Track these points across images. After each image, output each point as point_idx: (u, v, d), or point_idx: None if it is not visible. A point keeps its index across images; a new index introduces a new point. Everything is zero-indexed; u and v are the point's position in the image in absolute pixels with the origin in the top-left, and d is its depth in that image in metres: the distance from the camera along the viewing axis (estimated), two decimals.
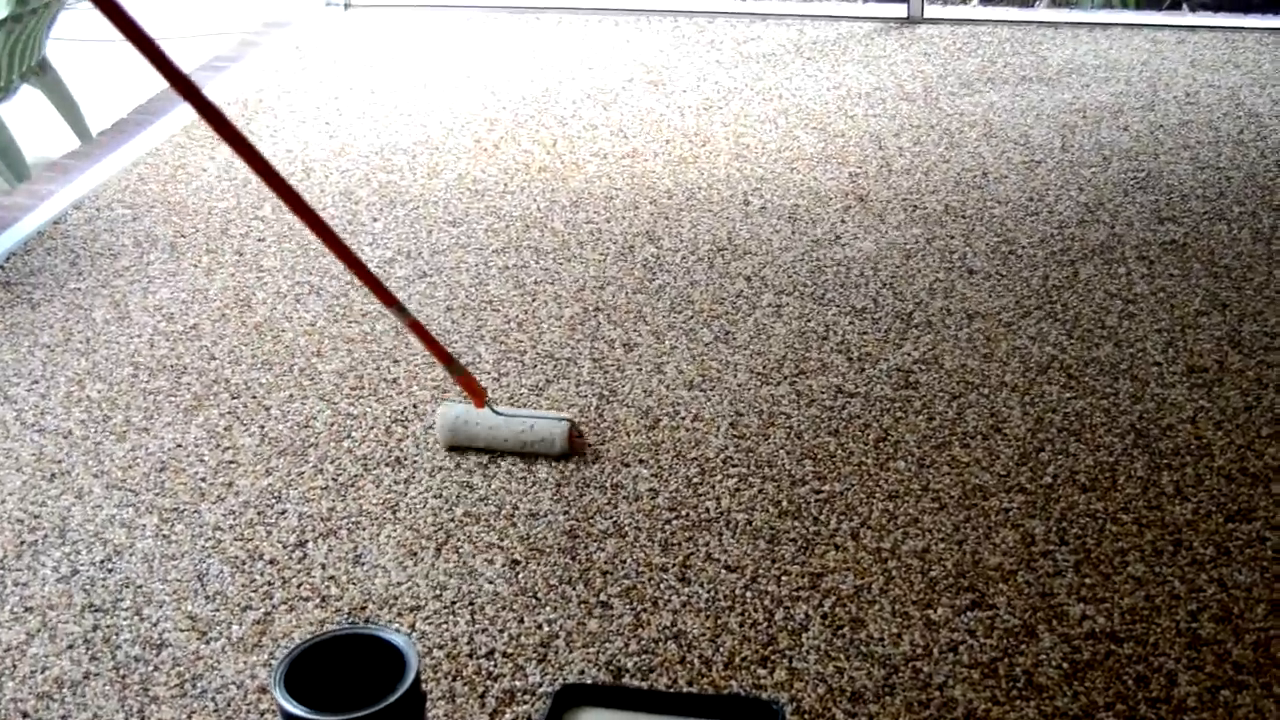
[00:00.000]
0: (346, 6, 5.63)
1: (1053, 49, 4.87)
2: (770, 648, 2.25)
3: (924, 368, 3.00)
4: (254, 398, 3.00)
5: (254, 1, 6.39)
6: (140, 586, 2.47)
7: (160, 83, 4.84)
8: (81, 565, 2.52)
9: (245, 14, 5.96)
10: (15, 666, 2.29)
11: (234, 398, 3.00)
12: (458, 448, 2.79)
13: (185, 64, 5.07)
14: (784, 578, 2.40)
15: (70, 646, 2.33)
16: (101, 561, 2.53)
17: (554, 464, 2.72)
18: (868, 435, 2.78)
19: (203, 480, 2.74)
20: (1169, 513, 2.53)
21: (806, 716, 2.11)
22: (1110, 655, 2.21)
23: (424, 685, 2.11)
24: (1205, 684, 2.15)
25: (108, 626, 2.38)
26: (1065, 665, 2.19)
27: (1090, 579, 2.37)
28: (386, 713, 1.85)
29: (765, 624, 2.30)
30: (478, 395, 2.72)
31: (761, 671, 2.20)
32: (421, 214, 3.80)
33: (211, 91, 4.76)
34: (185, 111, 4.60)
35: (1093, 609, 2.31)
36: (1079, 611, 2.30)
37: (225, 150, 4.27)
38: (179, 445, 2.86)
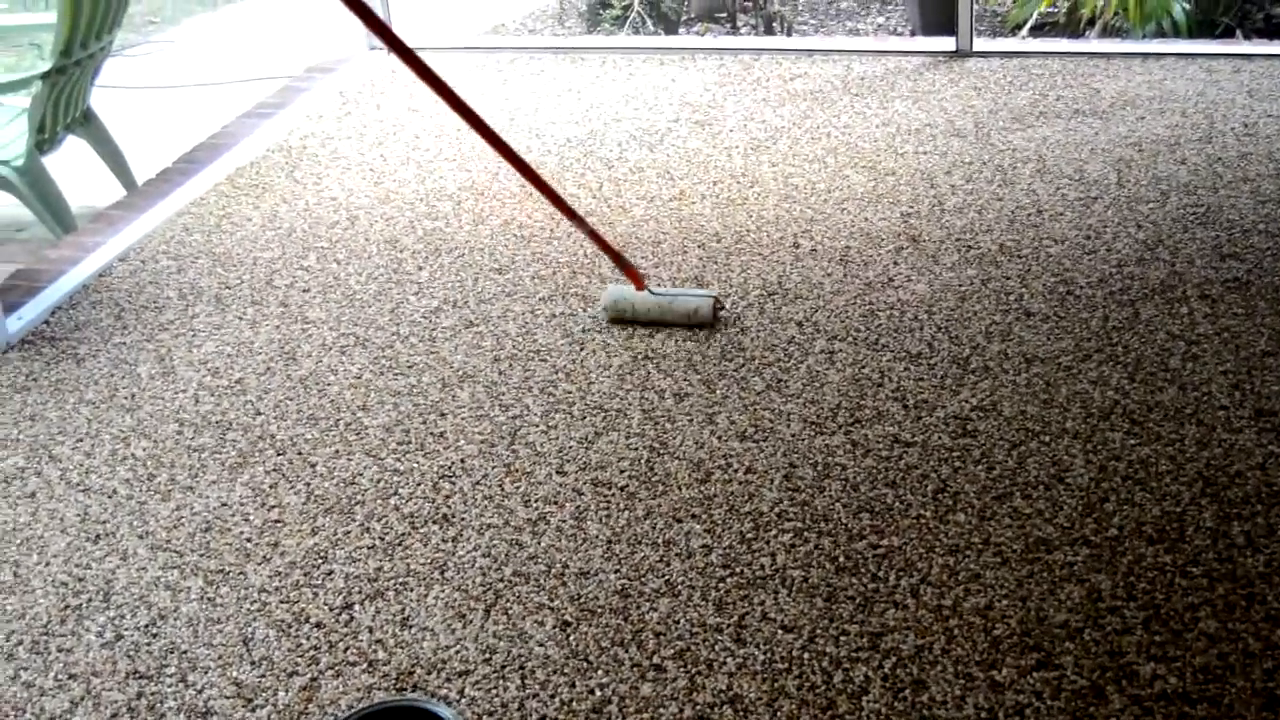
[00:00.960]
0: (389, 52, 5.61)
1: (1105, 80, 4.79)
2: (829, 712, 2.18)
3: (982, 415, 2.92)
4: (299, 454, 2.96)
5: (298, 47, 6.40)
6: (185, 652, 2.42)
7: (205, 131, 4.84)
8: (126, 630, 2.48)
9: (289, 59, 5.96)
10: None
11: (279, 454, 2.96)
12: (620, 320, 3.38)
13: (229, 111, 5.08)
14: (842, 638, 2.33)
15: (114, 716, 2.29)
16: (146, 626, 2.49)
17: (605, 522, 2.66)
18: (926, 486, 2.71)
19: (248, 541, 2.70)
20: (1240, 565, 2.45)
21: None
22: (1183, 717, 2.12)
23: None
24: None
25: (152, 694, 2.33)
26: None
27: (1160, 636, 2.29)
28: None
29: (824, 686, 2.23)
30: (637, 280, 3.38)
31: None
32: (467, 261, 3.76)
33: (256, 140, 4.75)
34: (230, 160, 4.60)
35: (1164, 668, 2.22)
36: (1149, 671, 2.22)
37: (270, 199, 4.26)
38: (224, 504, 2.82)
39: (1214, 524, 2.55)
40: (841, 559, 2.53)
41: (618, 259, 3.37)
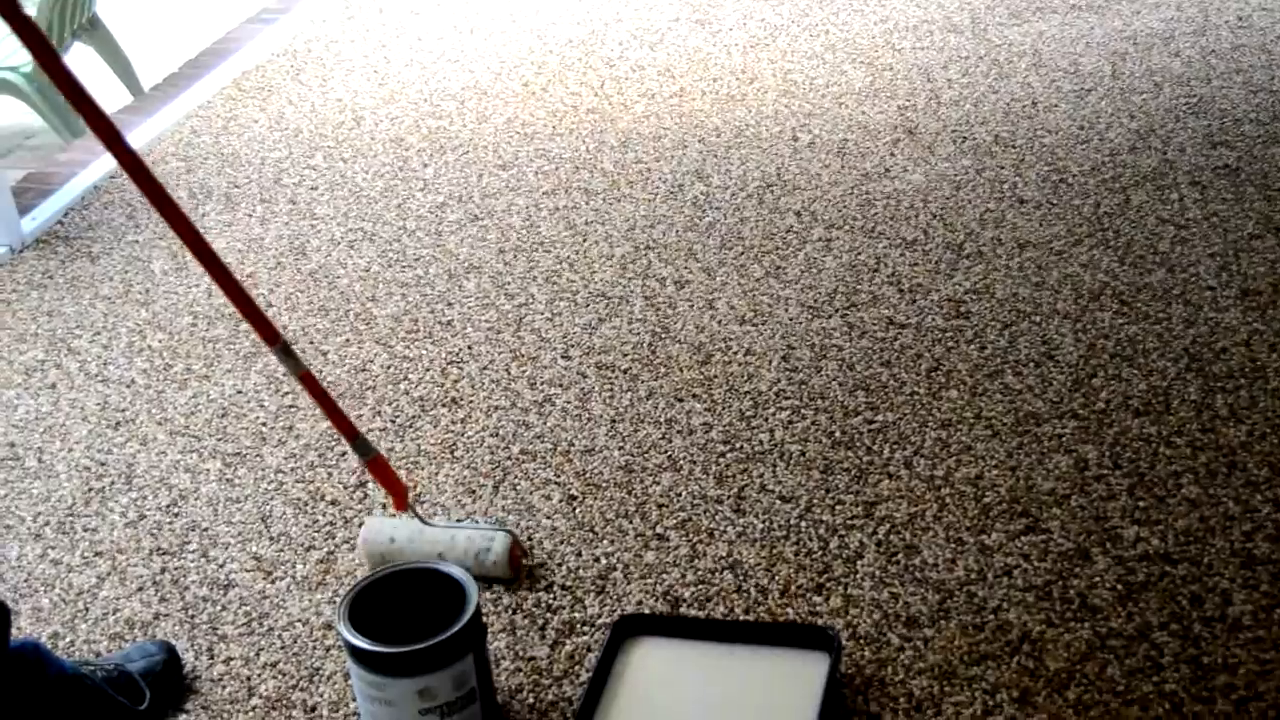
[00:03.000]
0: None
1: None
2: (825, 575, 2.28)
3: (975, 297, 3.00)
4: (311, 343, 3.04)
5: None
6: (206, 529, 2.52)
7: (210, 37, 4.88)
8: (148, 510, 2.58)
9: None
10: (87, 609, 2.35)
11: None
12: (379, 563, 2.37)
13: (233, 17, 5.11)
14: (838, 507, 2.42)
15: (140, 589, 2.39)
16: (168, 506, 2.58)
17: (609, 401, 2.75)
18: (920, 365, 2.79)
19: (263, 425, 2.79)
20: (1223, 435, 2.53)
21: (862, 642, 2.14)
22: (1164, 576, 2.22)
23: (485, 618, 2.15)
24: (1260, 602, 2.15)
25: (175, 568, 2.43)
26: (1119, 587, 2.20)
27: (1144, 502, 2.38)
28: (448, 644, 1.89)
29: (820, 552, 2.32)
30: (398, 494, 2.22)
31: (817, 599, 2.23)
32: (471, 159, 3.82)
33: (260, 44, 4.79)
34: (235, 64, 4.64)
35: (1146, 531, 2.31)
36: (1133, 534, 2.31)
37: (276, 101, 4.31)
38: (239, 392, 2.90)
39: (1198, 397, 2.63)
40: (837, 434, 2.61)
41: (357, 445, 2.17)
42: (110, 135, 1.83)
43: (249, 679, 2.18)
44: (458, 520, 2.46)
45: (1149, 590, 2.19)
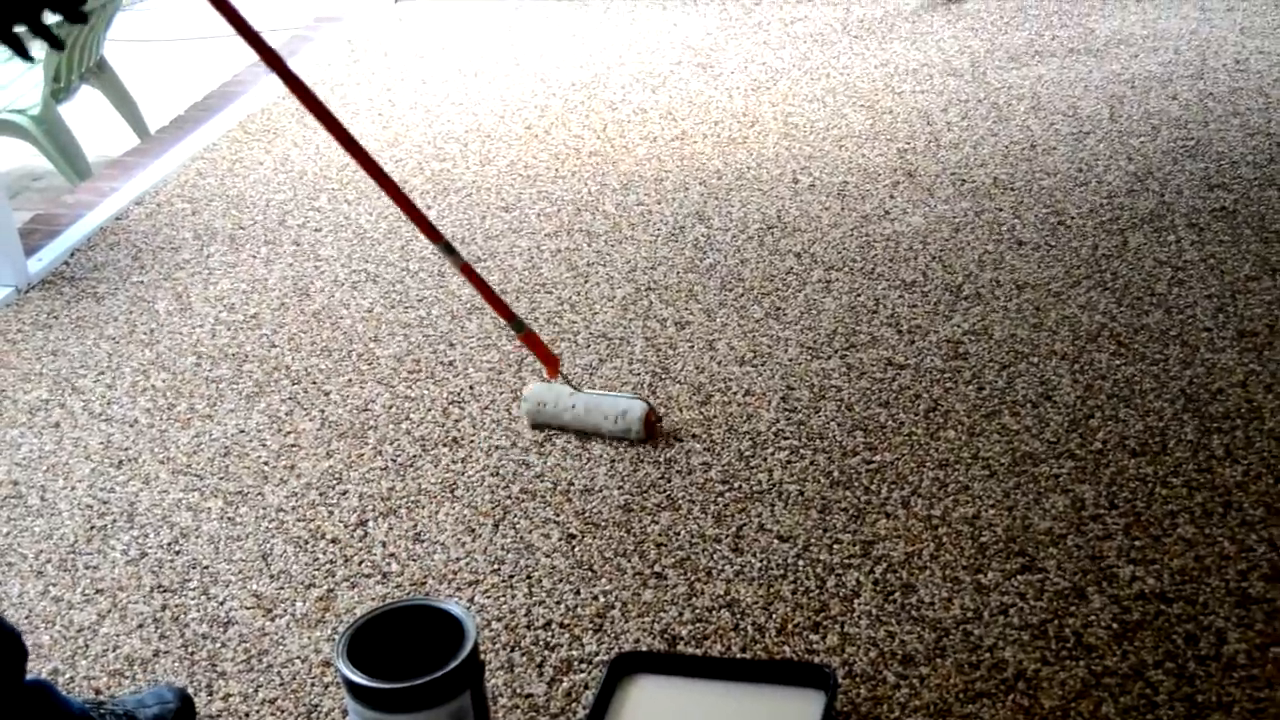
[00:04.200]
0: (397, 0, 5.70)
1: (1100, 20, 4.86)
2: (822, 614, 2.29)
3: (974, 339, 3.02)
4: (314, 383, 3.06)
5: None
6: (207, 567, 2.53)
7: (216, 80, 4.93)
8: (150, 548, 2.59)
9: (298, 9, 6.03)
10: (88, 646, 2.36)
11: (294, 384, 3.07)
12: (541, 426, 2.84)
13: (238, 61, 5.16)
14: (835, 546, 2.44)
15: (140, 625, 2.40)
16: (169, 544, 2.60)
17: (608, 442, 2.77)
18: (918, 406, 2.81)
19: (265, 464, 2.81)
20: (1219, 475, 2.54)
21: (859, 680, 2.14)
22: (1160, 615, 2.23)
23: (483, 656, 2.16)
24: (1255, 641, 2.16)
25: (176, 606, 2.44)
26: (1115, 625, 2.21)
27: (1140, 541, 2.39)
28: (446, 680, 1.90)
29: (817, 591, 2.34)
30: (550, 363, 2.81)
31: (814, 637, 2.24)
32: (474, 200, 3.85)
33: (266, 87, 4.84)
34: (240, 107, 4.69)
35: (1142, 570, 2.32)
36: (1129, 573, 2.32)
37: (281, 144, 4.35)
38: (242, 431, 2.92)
39: (1195, 437, 2.65)
40: (836, 473, 2.63)
41: (514, 322, 2.78)
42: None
43: (247, 715, 2.19)
44: (601, 391, 2.87)
45: (1144, 629, 2.20)
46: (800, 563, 2.40)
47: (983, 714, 2.07)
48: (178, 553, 2.58)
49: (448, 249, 2.64)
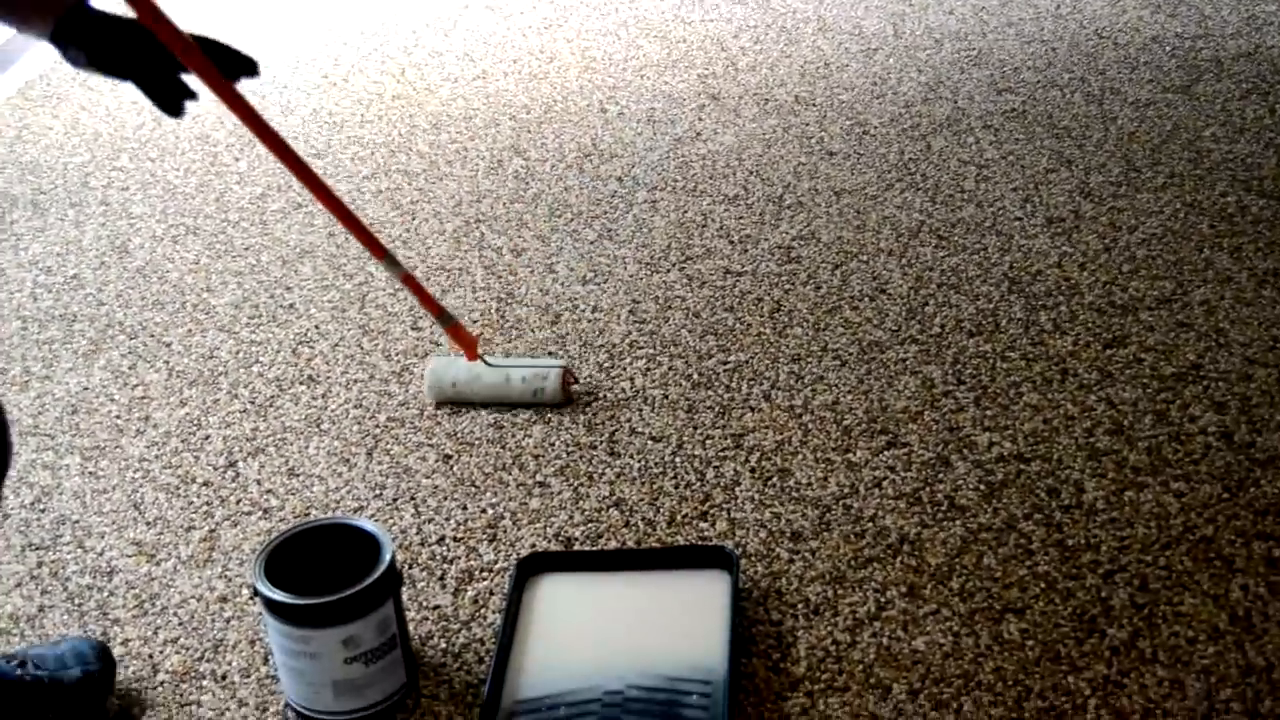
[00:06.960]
0: None
1: None
2: (708, 503, 2.37)
3: (803, 243, 3.13)
4: (152, 336, 3.01)
5: None
6: (77, 521, 2.49)
7: None
8: (11, 509, 2.53)
9: None
10: None
11: (131, 338, 3.01)
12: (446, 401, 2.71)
13: (3, 31, 4.97)
14: (709, 441, 2.52)
15: (19, 585, 2.35)
16: (31, 504, 2.54)
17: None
18: (762, 308, 2.91)
19: (118, 418, 2.76)
20: (1051, 346, 2.71)
21: (754, 559, 2.24)
22: (1021, 474, 2.38)
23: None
24: (1110, 488, 2.32)
25: (52, 561, 2.40)
26: (982, 487, 2.35)
27: (991, 411, 2.54)
28: (370, 590, 1.92)
29: (698, 483, 2.42)
30: (469, 347, 2.56)
31: (703, 525, 2.32)
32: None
33: (40, 52, 4.68)
34: (16, 74, 4.53)
35: (998, 436, 2.47)
36: (986, 440, 2.46)
37: (68, 108, 4.23)
38: (85, 388, 2.86)
39: (1023, 315, 2.81)
40: (695, 376, 2.71)
41: (441, 316, 2.51)
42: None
43: (151, 656, 2.17)
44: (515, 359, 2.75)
45: (1009, 487, 2.35)
46: (677, 459, 2.48)
47: (875, 576, 2.18)
48: (43, 511, 2.52)
49: (391, 262, 2.41)
